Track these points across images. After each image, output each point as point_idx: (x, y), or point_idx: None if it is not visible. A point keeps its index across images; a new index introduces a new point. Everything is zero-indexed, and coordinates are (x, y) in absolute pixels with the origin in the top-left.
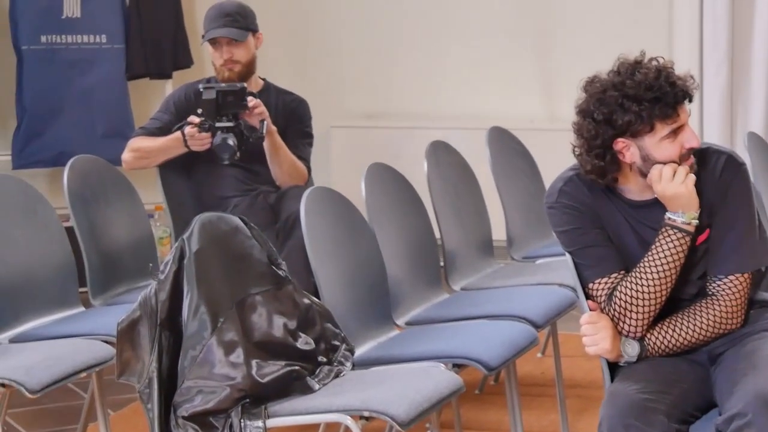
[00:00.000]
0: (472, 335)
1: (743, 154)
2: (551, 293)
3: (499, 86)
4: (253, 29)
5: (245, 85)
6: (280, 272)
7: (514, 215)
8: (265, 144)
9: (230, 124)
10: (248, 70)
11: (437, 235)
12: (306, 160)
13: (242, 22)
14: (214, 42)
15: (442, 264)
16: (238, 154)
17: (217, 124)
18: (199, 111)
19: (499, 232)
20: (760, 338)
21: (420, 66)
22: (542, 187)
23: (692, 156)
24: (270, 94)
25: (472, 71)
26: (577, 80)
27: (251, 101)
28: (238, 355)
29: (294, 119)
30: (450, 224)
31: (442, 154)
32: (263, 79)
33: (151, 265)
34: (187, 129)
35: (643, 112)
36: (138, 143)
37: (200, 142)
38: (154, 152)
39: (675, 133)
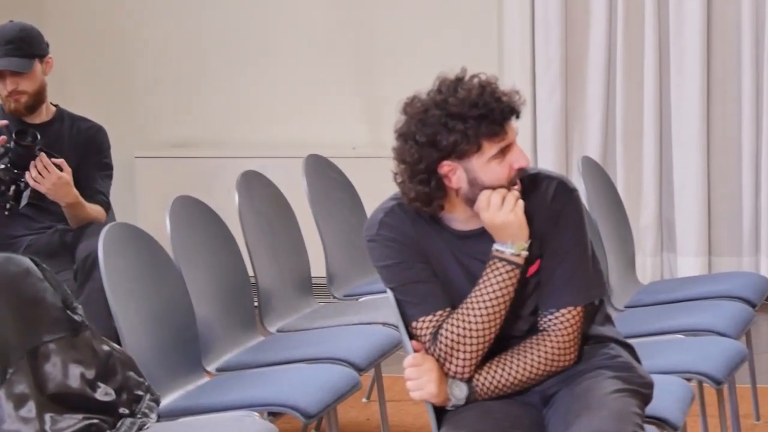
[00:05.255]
0: (288, 381)
1: (578, 179)
2: (375, 333)
3: (319, 111)
4: (41, 54)
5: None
6: (76, 317)
7: (335, 250)
8: (65, 208)
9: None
10: (37, 99)
11: (251, 273)
12: (104, 194)
13: (26, 50)
14: None
15: (256, 304)
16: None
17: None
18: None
19: (318, 269)
20: (595, 376)
21: (233, 91)
22: (364, 219)
23: (519, 182)
24: (63, 122)
25: (288, 96)
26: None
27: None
28: (29, 410)
29: (91, 149)
30: (264, 261)
31: (255, 186)
32: (56, 106)
33: None
34: None
35: (468, 130)
36: None
37: None
38: None
39: (503, 152)
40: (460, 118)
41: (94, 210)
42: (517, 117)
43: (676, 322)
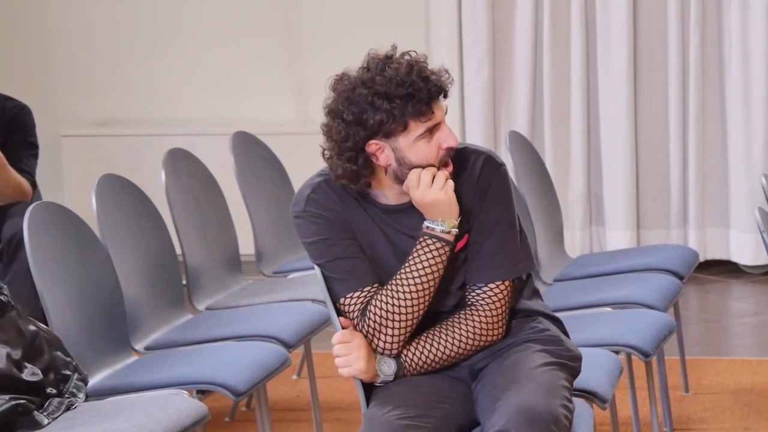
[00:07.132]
0: (217, 358)
1: (505, 154)
2: (304, 310)
3: (246, 88)
4: None
5: None
6: (1, 297)
7: (263, 227)
8: None
9: None
10: None
11: (179, 251)
12: (30, 173)
13: None
14: None
15: (184, 282)
16: None
17: None
18: None
19: (247, 246)
20: (523, 350)
21: (159, 68)
22: (293, 196)
23: (450, 162)
24: None
25: (216, 73)
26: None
27: None
28: None
29: (15, 128)
30: (192, 239)
31: (182, 163)
32: None
33: None
34: None
35: (395, 110)
36: None
37: None
38: None
39: (431, 132)
40: (386, 97)
41: (24, 182)
42: (445, 96)
43: (605, 295)
